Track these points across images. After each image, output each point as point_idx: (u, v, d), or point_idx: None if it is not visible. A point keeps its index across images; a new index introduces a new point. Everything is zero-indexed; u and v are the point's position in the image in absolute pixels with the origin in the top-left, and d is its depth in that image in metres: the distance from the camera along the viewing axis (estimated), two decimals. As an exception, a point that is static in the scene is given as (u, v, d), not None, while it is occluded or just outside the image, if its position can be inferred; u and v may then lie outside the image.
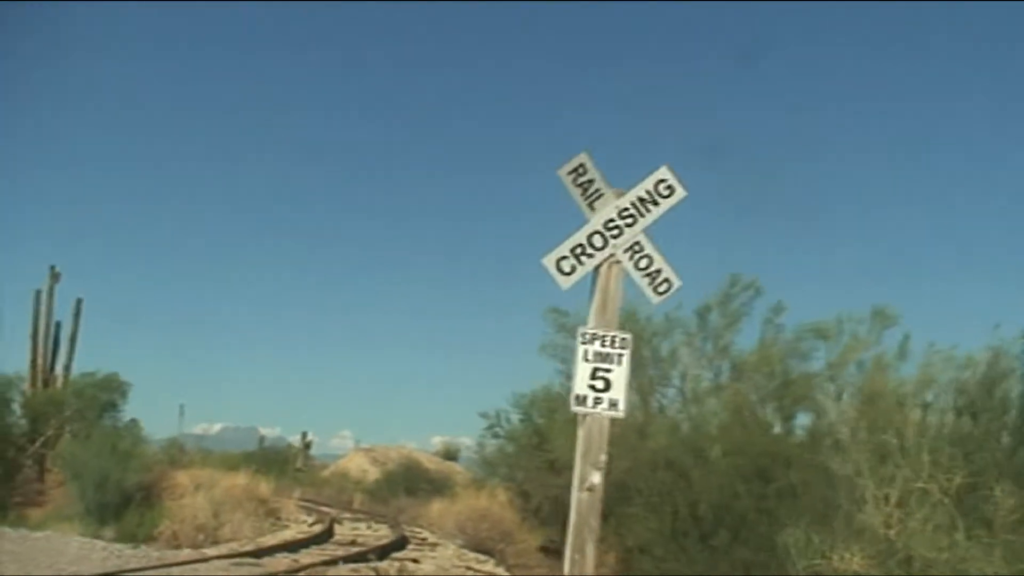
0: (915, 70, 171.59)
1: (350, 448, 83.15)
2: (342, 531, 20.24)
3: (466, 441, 74.91)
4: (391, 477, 44.84)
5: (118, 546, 13.98)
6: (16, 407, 30.62)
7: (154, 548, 17.23)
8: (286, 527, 20.75)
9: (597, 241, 6.88)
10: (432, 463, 57.22)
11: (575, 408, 6.88)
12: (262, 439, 73.63)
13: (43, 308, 37.80)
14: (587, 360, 6.78)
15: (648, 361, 16.88)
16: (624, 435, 13.43)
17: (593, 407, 6.75)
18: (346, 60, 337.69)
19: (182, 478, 34.01)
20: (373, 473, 55.24)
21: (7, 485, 28.52)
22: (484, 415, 24.59)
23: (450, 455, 68.21)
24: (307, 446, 68.47)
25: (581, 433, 6.86)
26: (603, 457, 6.82)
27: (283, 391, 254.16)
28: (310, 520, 22.52)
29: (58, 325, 38.15)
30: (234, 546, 16.24)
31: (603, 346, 6.78)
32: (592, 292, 7.02)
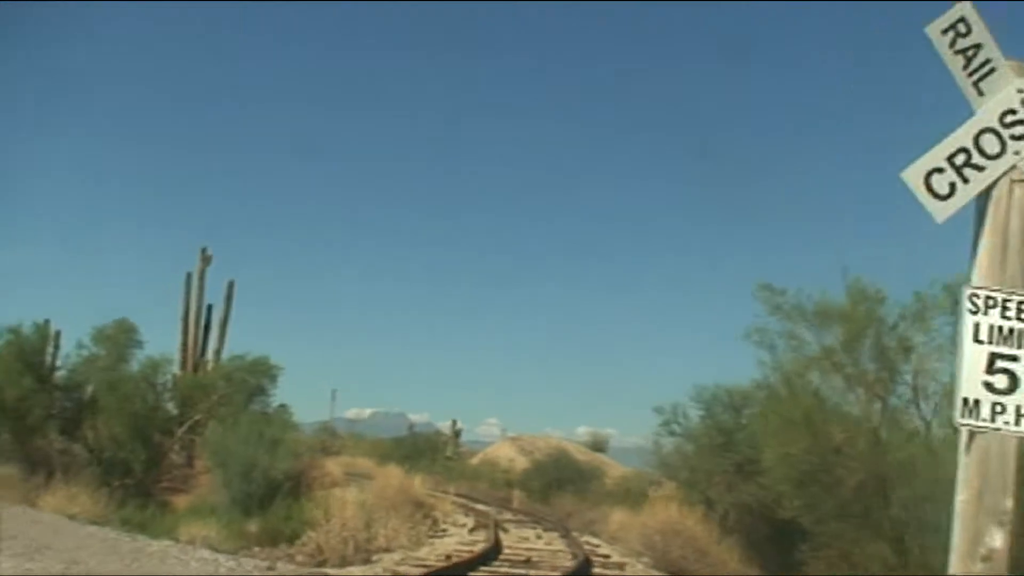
0: None
1: (497, 436, 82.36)
2: (509, 542, 17.80)
3: (612, 432, 72.25)
4: (541, 468, 43.19)
5: (251, 564, 11.83)
6: (165, 391, 29.40)
7: (297, 560, 15.06)
8: (444, 532, 18.45)
9: (990, 144, 4.09)
10: (581, 454, 55.24)
11: (960, 421, 4.01)
12: (412, 426, 73.03)
13: (194, 290, 37.23)
14: (979, 340, 3.95)
15: None
16: None
17: (991, 420, 3.91)
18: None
19: (332, 466, 32.57)
20: (521, 463, 53.76)
21: (153, 471, 27.55)
22: (659, 410, 22.34)
23: (598, 446, 66.44)
24: (457, 434, 67.28)
25: (968, 461, 4.00)
26: (1008, 503, 3.96)
27: (432, 378, 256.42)
28: (469, 524, 20.20)
29: (209, 308, 37.61)
30: (389, 562, 13.87)
31: (1007, 317, 3.95)
32: (978, 228, 4.15)
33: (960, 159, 4.09)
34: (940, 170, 4.08)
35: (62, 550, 10.51)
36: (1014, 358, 3.93)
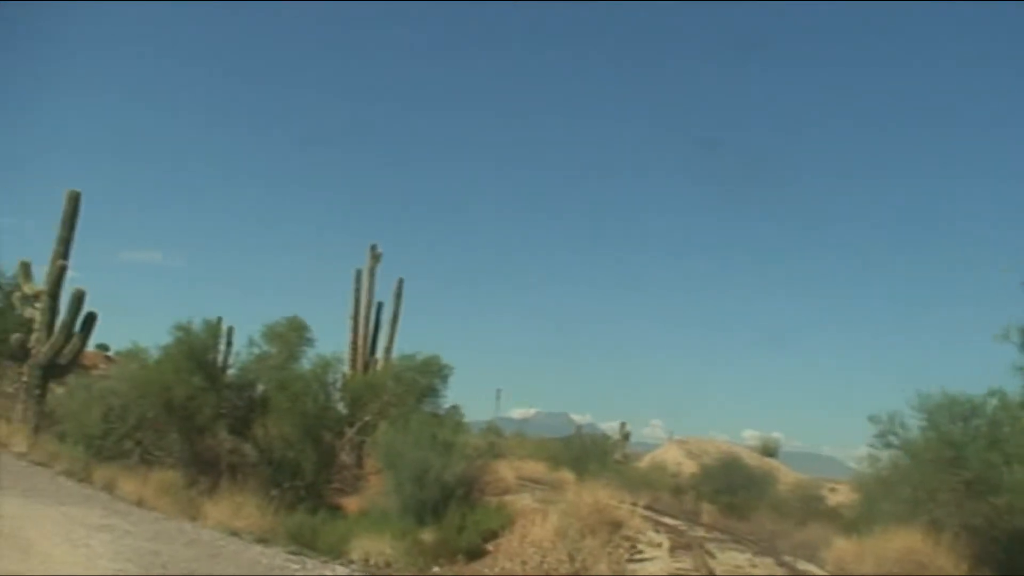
0: None
1: (662, 439, 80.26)
2: (723, 570, 15.59)
3: (778, 436, 68.96)
4: (710, 472, 40.89)
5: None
6: (335, 390, 28.46)
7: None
8: (642, 555, 16.40)
9: None
10: (751, 459, 52.38)
11: None
12: (580, 427, 71.35)
13: (364, 288, 36.48)
14: None
15: None
16: None
17: None
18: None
19: (504, 471, 30.99)
20: (688, 467, 51.36)
21: (323, 473, 26.64)
22: (874, 419, 19.90)
23: (768, 451, 63.64)
24: (626, 437, 65.13)
25: None
26: None
27: (595, 378, 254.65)
28: (665, 544, 18.06)
29: (379, 306, 36.84)
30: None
31: None
32: None
33: None
34: None
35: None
36: None
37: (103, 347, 54.84)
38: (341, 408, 28.65)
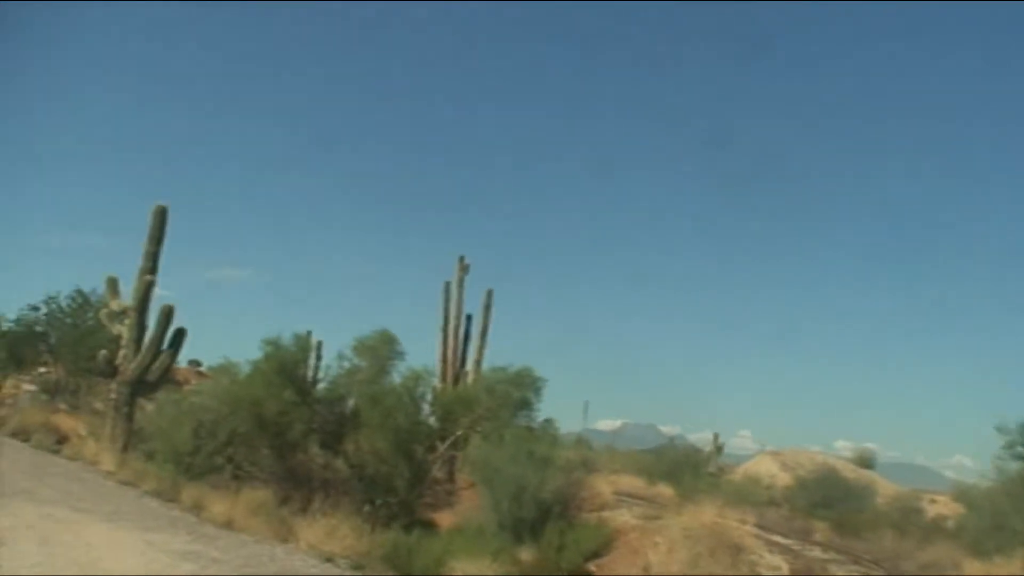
0: None
1: (752, 450, 78.44)
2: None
3: (873, 447, 66.89)
4: (806, 485, 39.27)
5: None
6: (425, 404, 27.79)
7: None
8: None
9: None
10: (847, 471, 50.39)
11: None
12: (672, 440, 69.90)
13: (453, 300, 35.88)
14: None
15: None
16: None
17: None
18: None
19: (601, 486, 29.90)
20: (783, 479, 49.55)
21: (417, 488, 25.94)
22: (1002, 429, 18.64)
23: (864, 462, 61.67)
24: (719, 449, 63.50)
25: None
26: None
27: (683, 389, 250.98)
28: (785, 567, 16.81)
29: (468, 318, 36.20)
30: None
31: None
32: None
33: None
34: None
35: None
36: None
37: (195, 363, 55.21)
38: (432, 422, 27.89)
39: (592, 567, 19.65)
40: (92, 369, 43.09)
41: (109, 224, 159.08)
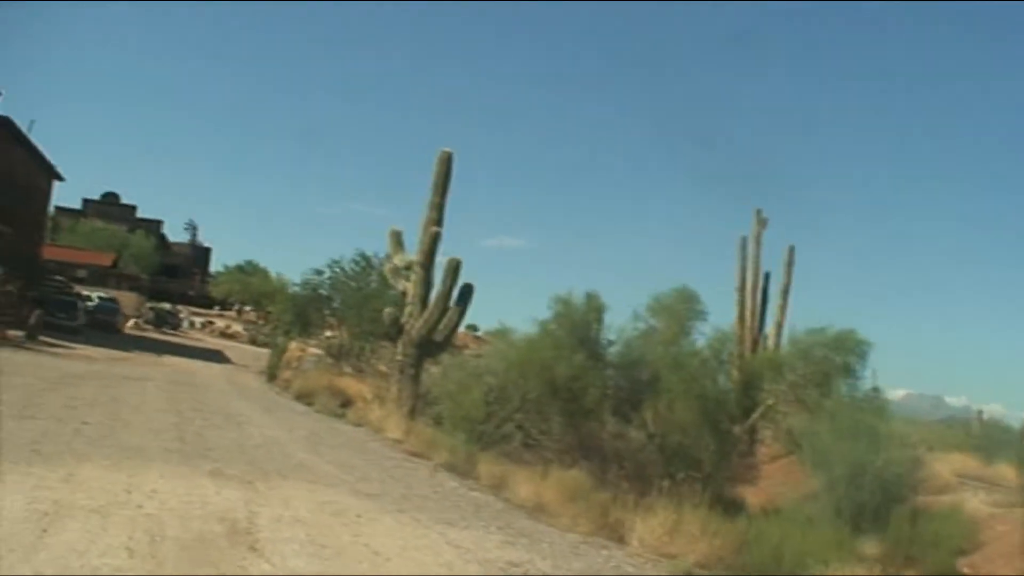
0: None
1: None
2: None
3: None
4: None
5: None
6: (726, 370, 24.83)
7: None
8: None
9: None
10: None
11: None
12: (979, 413, 63.10)
13: (750, 257, 32.60)
14: None
15: None
16: None
17: None
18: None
19: (938, 465, 25.95)
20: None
21: (723, 463, 23.00)
22: None
23: None
24: (1035, 424, 56.40)
25: None
26: None
27: (971, 355, 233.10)
28: None
29: (767, 276, 32.94)
30: None
31: None
32: None
33: None
34: None
35: None
36: None
37: (472, 327, 54.33)
38: (734, 389, 24.92)
39: (965, 568, 16.03)
40: (374, 331, 42.98)
41: (387, 194, 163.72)
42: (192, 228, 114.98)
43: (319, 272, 46.85)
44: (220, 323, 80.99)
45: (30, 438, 11.55)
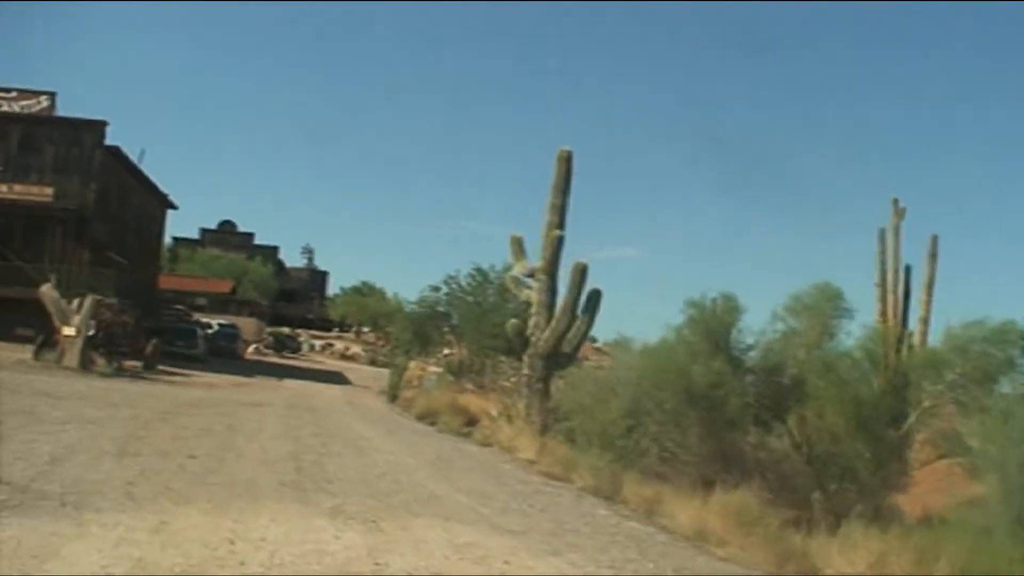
0: None
1: None
2: None
3: None
4: None
5: None
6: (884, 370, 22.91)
7: None
8: None
9: None
10: None
11: None
12: None
13: (889, 250, 30.52)
14: None
15: None
16: None
17: None
18: None
19: None
20: None
21: (880, 471, 21.23)
22: None
23: None
24: None
25: None
26: None
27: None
28: None
29: (908, 269, 30.82)
30: None
31: None
32: None
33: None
34: None
35: None
36: None
37: (590, 339, 52.93)
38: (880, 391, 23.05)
39: None
40: (494, 346, 42.08)
41: (498, 212, 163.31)
42: (308, 252, 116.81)
43: (436, 288, 46.31)
44: (339, 345, 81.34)
45: (126, 478, 10.30)
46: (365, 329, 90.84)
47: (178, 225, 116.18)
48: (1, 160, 37.45)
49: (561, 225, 21.17)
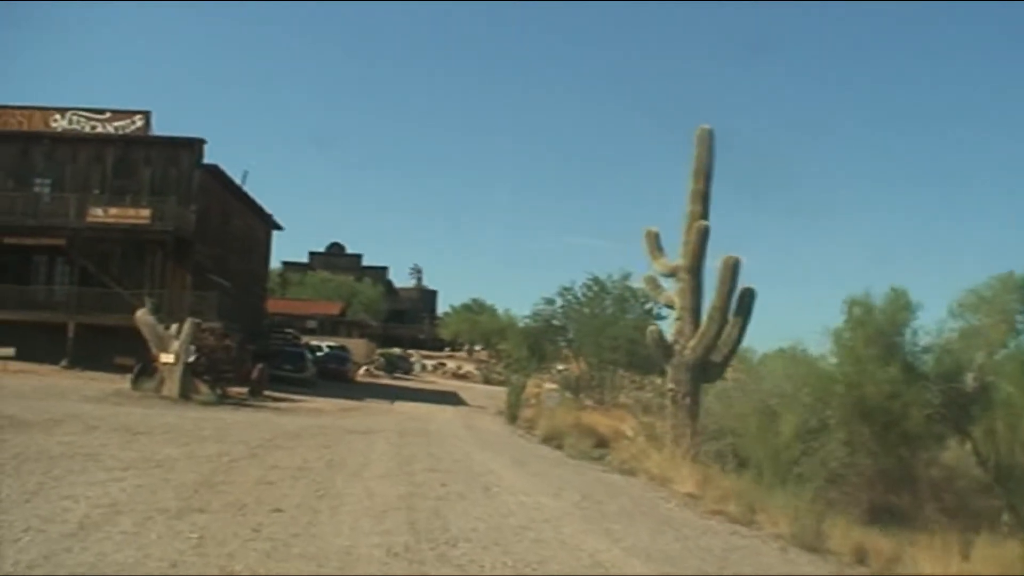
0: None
1: None
2: None
3: None
4: None
5: None
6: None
7: None
8: None
9: None
10: None
11: None
12: None
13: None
14: None
15: None
16: None
17: None
18: None
19: None
20: None
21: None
22: None
23: None
24: None
25: None
26: None
27: None
28: None
29: (1086, 255, 27.31)
30: None
31: None
32: None
33: None
34: None
35: None
36: None
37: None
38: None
39: None
40: (614, 359, 39.38)
41: (605, 227, 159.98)
42: (417, 272, 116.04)
43: (550, 301, 44.01)
44: (451, 364, 79.78)
45: (171, 557, 7.16)
46: (477, 347, 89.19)
47: (286, 250, 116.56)
48: (96, 183, 36.20)
49: (705, 215, 18.34)
